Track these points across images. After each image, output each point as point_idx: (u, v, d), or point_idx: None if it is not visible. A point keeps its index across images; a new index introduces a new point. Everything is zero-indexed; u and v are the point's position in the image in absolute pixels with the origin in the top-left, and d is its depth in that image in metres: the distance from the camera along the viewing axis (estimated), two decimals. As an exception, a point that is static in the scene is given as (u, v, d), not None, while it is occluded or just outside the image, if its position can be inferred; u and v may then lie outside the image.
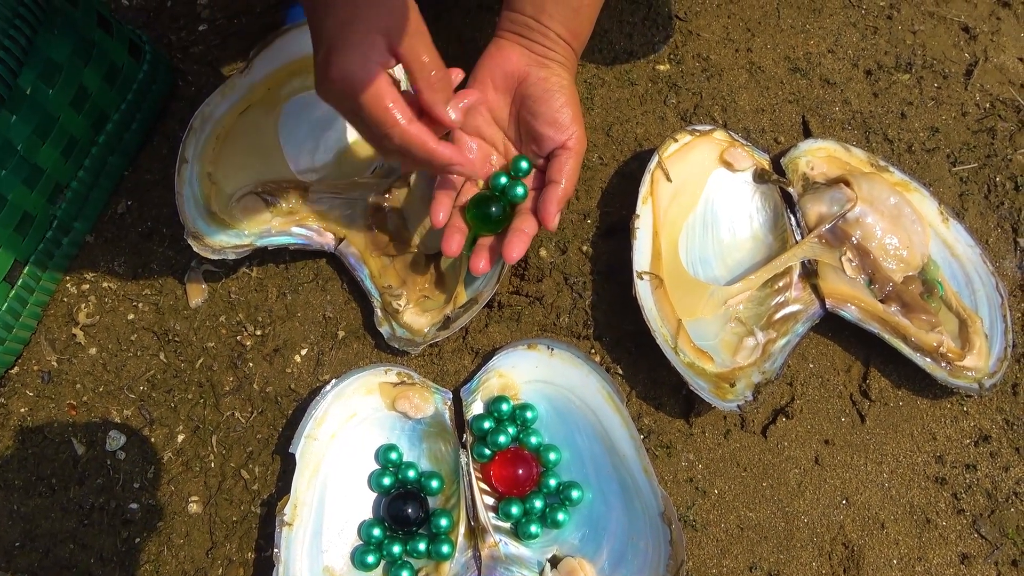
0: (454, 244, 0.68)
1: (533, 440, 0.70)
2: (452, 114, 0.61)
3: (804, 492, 0.72)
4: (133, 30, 0.81)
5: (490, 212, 0.69)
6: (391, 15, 0.56)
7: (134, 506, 0.71)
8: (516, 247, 0.66)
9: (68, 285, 0.79)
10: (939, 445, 0.74)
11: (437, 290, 0.76)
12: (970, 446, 0.74)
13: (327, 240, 0.76)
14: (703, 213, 0.78)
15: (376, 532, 0.67)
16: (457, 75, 0.65)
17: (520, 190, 0.70)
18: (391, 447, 0.70)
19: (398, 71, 0.69)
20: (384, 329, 0.74)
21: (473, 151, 0.70)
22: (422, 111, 0.60)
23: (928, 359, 0.72)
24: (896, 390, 0.75)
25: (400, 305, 0.75)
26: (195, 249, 0.73)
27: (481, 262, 0.68)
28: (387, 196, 0.77)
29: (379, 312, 0.75)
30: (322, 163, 0.79)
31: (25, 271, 0.73)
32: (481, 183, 0.72)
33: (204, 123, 0.78)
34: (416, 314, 0.75)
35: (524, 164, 0.71)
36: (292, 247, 0.76)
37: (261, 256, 0.79)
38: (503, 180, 0.71)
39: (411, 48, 0.57)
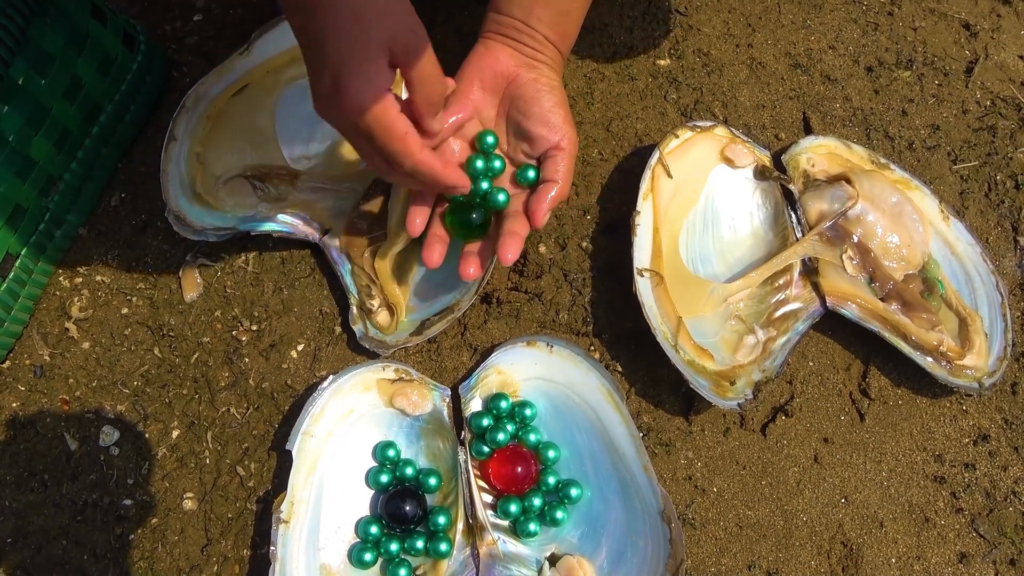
0: (435, 255, 0.67)
1: (532, 438, 0.70)
2: (436, 126, 0.62)
3: (803, 491, 0.72)
4: (127, 20, 0.79)
5: (471, 219, 0.67)
6: (396, 26, 0.55)
7: (128, 502, 0.71)
8: (511, 249, 0.65)
9: (61, 278, 0.78)
10: (938, 444, 0.74)
11: (414, 294, 0.75)
12: (969, 445, 0.74)
13: (311, 230, 0.75)
14: (704, 210, 0.77)
15: (374, 530, 0.67)
16: (451, 84, 0.66)
17: (502, 197, 0.68)
18: (389, 444, 0.69)
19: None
20: (357, 328, 0.73)
21: (455, 152, 0.69)
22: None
23: (928, 358, 0.72)
24: (896, 389, 0.75)
25: (373, 305, 0.74)
26: (175, 228, 0.73)
27: (471, 268, 0.67)
28: (372, 192, 0.76)
29: (354, 309, 0.74)
30: (315, 152, 0.78)
31: (17, 264, 0.72)
32: None
33: (197, 102, 0.77)
34: (389, 316, 0.74)
35: (497, 164, 0.69)
36: (276, 234, 0.75)
37: (257, 249, 0.78)
38: (484, 185, 0.69)
39: (414, 59, 0.57)
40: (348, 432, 0.69)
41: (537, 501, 0.68)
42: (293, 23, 0.57)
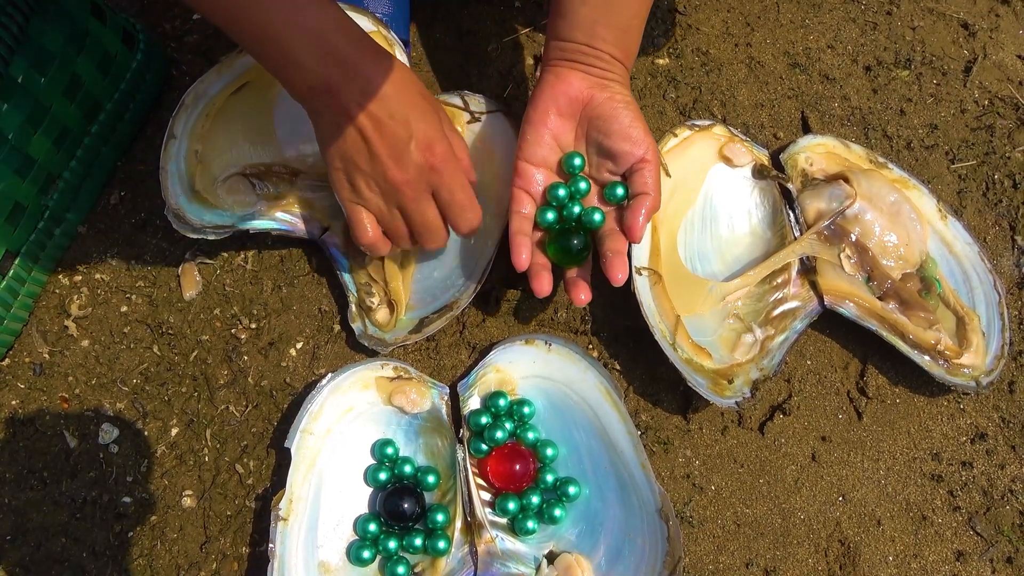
0: (545, 283, 0.68)
1: (530, 436, 0.70)
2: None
3: (801, 489, 0.72)
4: (127, 18, 0.79)
5: (571, 245, 0.68)
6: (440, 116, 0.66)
7: (127, 500, 0.71)
8: (620, 269, 0.66)
9: (60, 276, 0.78)
10: (936, 442, 0.74)
11: (413, 292, 0.75)
12: (966, 443, 0.74)
13: (311, 228, 0.75)
14: (702, 208, 0.78)
15: (372, 527, 0.67)
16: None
17: (597, 216, 0.69)
18: (387, 442, 0.70)
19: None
20: (356, 325, 0.74)
21: (539, 183, 0.70)
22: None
23: (926, 356, 0.72)
24: (893, 387, 0.75)
25: (373, 303, 0.74)
26: (174, 226, 0.73)
27: (582, 294, 0.68)
28: None
29: (353, 307, 0.74)
30: (314, 151, 0.78)
31: (16, 262, 0.73)
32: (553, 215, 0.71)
33: (197, 100, 0.77)
34: (388, 314, 0.74)
35: (583, 185, 0.70)
36: (275, 232, 0.75)
37: (256, 247, 0.78)
38: (577, 209, 0.70)
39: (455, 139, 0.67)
40: (347, 430, 0.70)
41: (535, 499, 0.68)
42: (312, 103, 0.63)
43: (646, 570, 0.65)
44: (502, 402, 0.70)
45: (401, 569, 0.66)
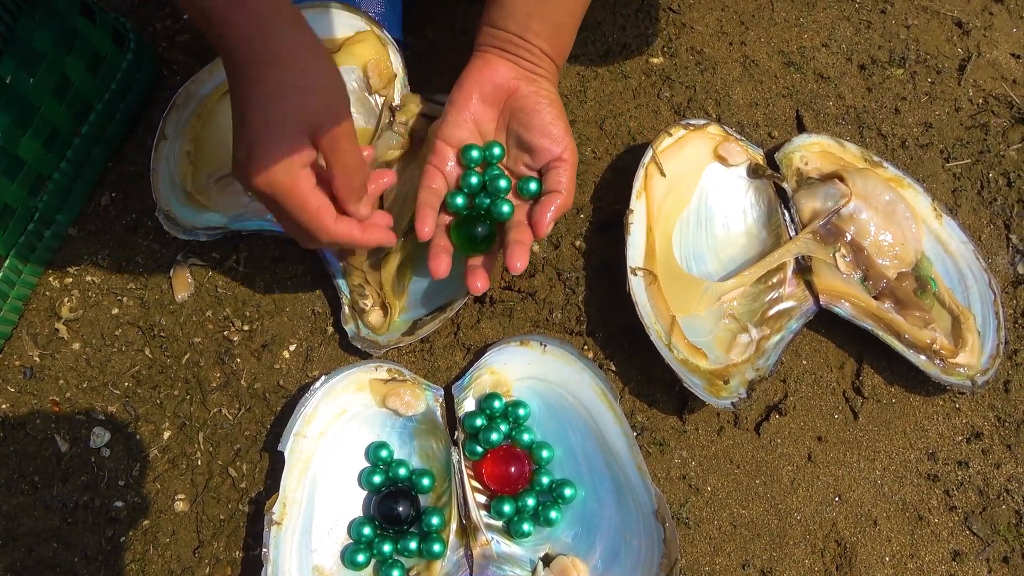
0: (443, 265, 0.67)
1: (525, 437, 0.70)
2: (362, 211, 0.63)
3: (797, 489, 0.72)
4: (117, 18, 0.79)
5: (476, 232, 0.68)
6: (319, 108, 0.56)
7: (119, 504, 0.70)
8: (519, 257, 0.66)
9: (50, 279, 0.77)
10: (931, 442, 0.74)
11: (406, 294, 0.75)
12: (962, 443, 0.74)
13: None
14: (697, 208, 0.77)
15: (366, 531, 0.66)
16: (388, 176, 0.70)
17: (506, 208, 0.69)
18: (382, 444, 0.69)
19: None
20: (349, 327, 0.73)
21: (453, 163, 0.70)
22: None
23: (921, 356, 0.72)
24: (889, 387, 0.75)
25: (366, 305, 0.73)
26: (166, 228, 0.72)
27: (479, 281, 0.67)
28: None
29: (346, 309, 0.74)
30: None
31: (6, 264, 0.72)
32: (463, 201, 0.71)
33: (188, 100, 0.77)
34: (382, 316, 0.74)
35: (502, 183, 0.69)
36: (267, 233, 0.75)
37: (248, 249, 0.78)
38: (487, 200, 0.70)
39: (334, 146, 0.57)
40: (340, 432, 0.69)
41: (531, 501, 0.67)
42: (229, 82, 0.57)
43: (642, 572, 0.65)
44: (497, 404, 0.70)
45: (396, 573, 0.65)
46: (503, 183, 0.70)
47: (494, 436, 0.68)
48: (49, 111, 0.71)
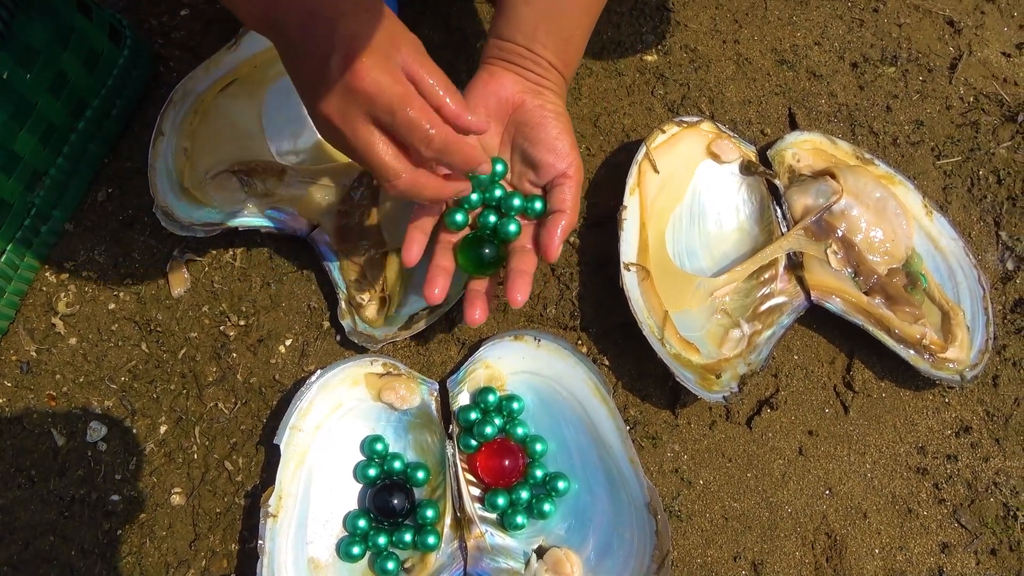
0: (438, 287, 0.63)
1: (519, 431, 0.70)
2: (481, 121, 0.58)
3: (788, 482, 0.73)
4: (113, 14, 0.79)
5: (483, 254, 0.65)
6: (396, 27, 0.55)
7: (116, 498, 0.70)
8: (521, 289, 0.63)
9: (47, 274, 0.77)
10: (921, 436, 0.74)
11: (401, 289, 0.75)
12: (951, 437, 0.75)
13: (300, 225, 0.75)
14: (690, 204, 0.78)
15: (362, 523, 0.67)
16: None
17: (513, 227, 0.67)
18: (377, 438, 0.70)
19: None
20: (346, 322, 0.73)
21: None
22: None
23: (911, 351, 0.73)
24: (879, 382, 0.76)
25: (363, 300, 0.74)
26: (162, 224, 0.73)
27: (477, 312, 0.64)
28: (360, 187, 0.76)
29: (343, 304, 0.74)
30: (304, 147, 0.78)
31: (3, 259, 0.72)
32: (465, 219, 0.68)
33: (185, 97, 0.77)
34: (378, 311, 0.74)
35: (516, 201, 0.67)
36: (263, 229, 0.75)
37: (245, 244, 0.78)
38: (492, 218, 0.68)
39: (423, 57, 0.55)
40: (336, 426, 0.70)
41: (524, 494, 0.68)
42: (280, 19, 0.54)
43: (635, 564, 0.65)
44: (491, 398, 0.70)
45: (391, 565, 0.66)
46: (517, 201, 0.67)
47: (488, 430, 0.69)
48: (45, 107, 0.71)
